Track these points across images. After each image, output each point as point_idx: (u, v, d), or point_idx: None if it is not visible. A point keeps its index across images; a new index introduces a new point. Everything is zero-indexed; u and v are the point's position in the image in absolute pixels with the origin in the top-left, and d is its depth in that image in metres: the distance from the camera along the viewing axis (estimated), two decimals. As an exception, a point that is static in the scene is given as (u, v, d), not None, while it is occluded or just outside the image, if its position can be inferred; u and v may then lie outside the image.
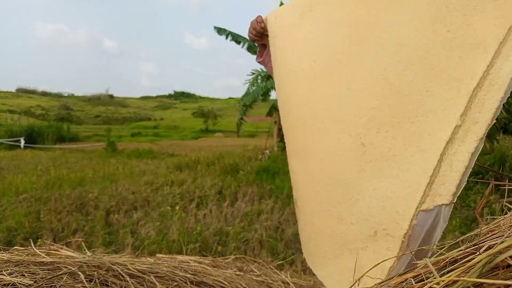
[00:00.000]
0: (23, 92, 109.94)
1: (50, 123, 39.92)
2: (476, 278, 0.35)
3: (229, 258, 1.58)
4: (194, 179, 8.69)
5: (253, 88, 9.68)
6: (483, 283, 0.35)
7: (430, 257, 0.53)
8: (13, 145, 25.78)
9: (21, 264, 1.13)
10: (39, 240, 4.59)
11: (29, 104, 79.53)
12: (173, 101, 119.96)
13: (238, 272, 1.38)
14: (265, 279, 1.38)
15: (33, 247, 1.27)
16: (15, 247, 1.29)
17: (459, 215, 4.37)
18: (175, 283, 1.17)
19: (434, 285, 0.41)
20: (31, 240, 4.65)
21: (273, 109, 9.41)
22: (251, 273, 1.44)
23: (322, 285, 1.07)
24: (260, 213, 5.67)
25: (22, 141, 25.82)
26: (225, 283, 1.26)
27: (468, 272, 0.37)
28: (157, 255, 1.65)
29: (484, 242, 0.43)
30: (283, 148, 12.02)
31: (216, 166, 10.49)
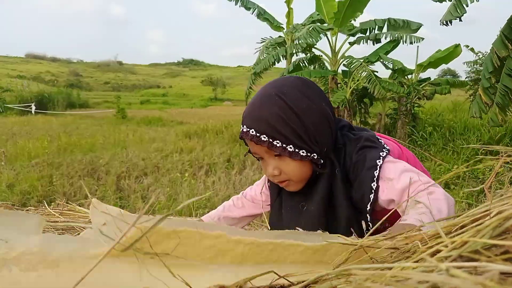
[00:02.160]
0: (32, 57, 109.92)
1: (60, 89, 40.08)
2: (491, 240, 0.35)
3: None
4: (203, 147, 8.75)
5: (264, 56, 9.54)
6: (494, 244, 0.35)
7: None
8: (24, 111, 26.06)
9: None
10: (52, 203, 4.71)
11: (39, 70, 79.63)
12: (182, 68, 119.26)
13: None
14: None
15: (47, 207, 1.30)
16: (29, 207, 1.33)
17: (467, 185, 4.37)
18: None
19: (442, 247, 0.41)
20: (44, 201, 4.77)
21: (282, 78, 9.32)
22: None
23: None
24: (268, 181, 5.72)
25: (33, 107, 26.02)
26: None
27: (477, 236, 0.37)
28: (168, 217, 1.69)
29: (494, 208, 0.43)
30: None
31: (225, 134, 10.52)
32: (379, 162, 0.89)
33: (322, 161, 0.92)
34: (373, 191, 0.88)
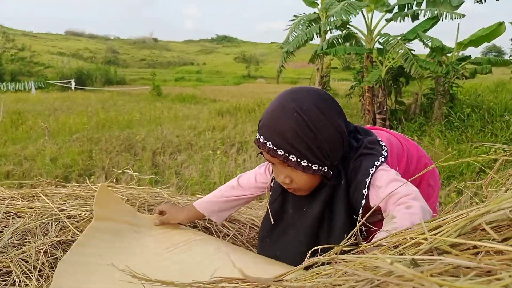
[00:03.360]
0: (71, 35, 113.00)
1: (98, 66, 41.26)
2: (451, 238, 0.40)
3: (263, 201, 1.69)
4: (235, 125, 8.86)
5: (295, 33, 9.40)
6: (456, 243, 0.39)
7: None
8: (64, 87, 27.08)
9: (79, 198, 1.28)
10: (92, 177, 4.97)
11: (78, 46, 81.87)
12: (216, 45, 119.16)
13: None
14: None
15: (89, 183, 1.42)
16: (73, 184, 1.45)
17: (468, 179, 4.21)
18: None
19: (404, 240, 0.46)
20: (86, 177, 5.04)
21: (315, 56, 9.14)
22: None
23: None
24: (298, 160, 5.77)
25: (73, 83, 26.97)
26: (256, 220, 1.38)
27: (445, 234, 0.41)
28: (197, 195, 1.79)
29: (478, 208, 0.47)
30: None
31: (257, 112, 10.58)
32: (372, 170, 0.94)
33: (331, 173, 0.98)
34: (364, 197, 0.93)
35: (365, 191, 0.93)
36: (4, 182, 1.34)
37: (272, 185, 1.21)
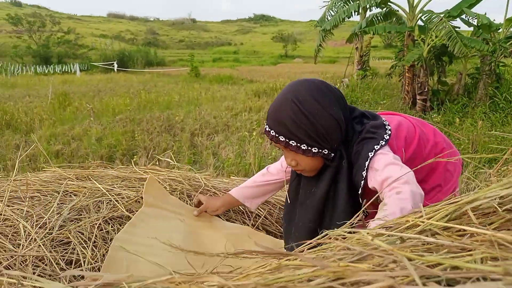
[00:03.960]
0: (113, 17, 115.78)
1: (138, 47, 42.26)
2: (440, 222, 0.46)
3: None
4: (271, 106, 8.91)
5: (332, 12, 9.20)
6: (447, 227, 0.45)
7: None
8: (107, 69, 28.04)
9: (126, 180, 1.42)
10: (135, 156, 5.23)
11: (119, 28, 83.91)
12: (253, 25, 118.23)
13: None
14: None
15: (133, 166, 1.56)
16: (119, 166, 1.59)
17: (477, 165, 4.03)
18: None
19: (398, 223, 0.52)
20: (129, 157, 5.31)
21: (354, 35, 8.94)
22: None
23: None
24: (334, 142, 5.77)
25: (115, 65, 27.83)
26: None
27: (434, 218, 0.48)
28: (231, 176, 1.89)
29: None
30: (363, 77, 11.58)
31: (294, 93, 10.54)
32: (371, 154, 1.02)
33: (332, 155, 1.08)
34: (363, 178, 1.02)
35: (364, 173, 1.01)
36: (62, 164, 1.50)
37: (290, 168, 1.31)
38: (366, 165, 1.01)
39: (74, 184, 1.31)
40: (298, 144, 1.04)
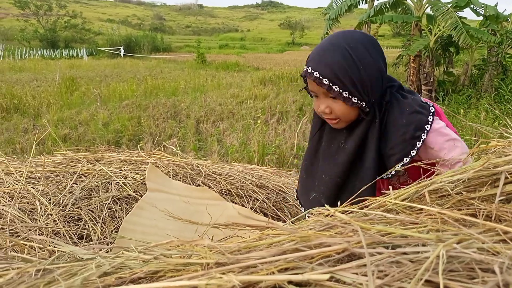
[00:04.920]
0: (120, 1, 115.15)
1: (145, 33, 42.13)
2: (401, 201, 0.54)
3: (292, 170, 1.84)
4: (276, 94, 8.96)
5: (339, 1, 9.16)
6: (407, 206, 0.54)
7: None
8: (114, 54, 28.07)
9: (132, 163, 1.51)
10: (141, 142, 5.33)
11: (126, 13, 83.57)
12: (261, 11, 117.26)
13: (296, 181, 1.65)
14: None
15: (139, 151, 1.64)
16: (126, 150, 1.68)
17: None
18: (242, 184, 1.49)
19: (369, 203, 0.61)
20: (135, 142, 5.40)
21: (362, 23, 8.91)
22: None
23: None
24: (337, 131, 5.84)
25: (122, 50, 27.85)
26: (283, 187, 1.55)
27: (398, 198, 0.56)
28: (232, 163, 1.97)
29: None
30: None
31: (299, 82, 10.57)
32: (427, 127, 1.05)
33: (368, 110, 1.09)
34: (410, 155, 1.05)
35: (413, 152, 1.05)
36: (72, 148, 1.59)
37: (312, 121, 1.33)
38: (420, 142, 1.04)
39: (85, 167, 1.40)
40: (341, 91, 1.04)
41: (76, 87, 10.16)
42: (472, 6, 7.50)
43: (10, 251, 0.71)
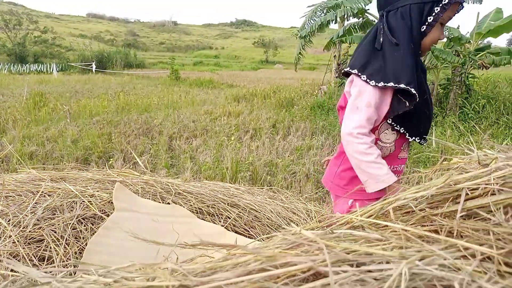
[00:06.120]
0: (93, 17, 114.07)
1: (118, 49, 41.75)
2: (367, 218, 0.54)
3: (264, 188, 1.84)
4: (250, 111, 9.01)
5: (311, 21, 9.41)
6: (375, 223, 0.54)
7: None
8: (85, 69, 27.62)
9: (99, 182, 1.47)
10: (111, 159, 5.21)
11: (99, 29, 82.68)
12: (235, 29, 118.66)
13: (268, 199, 1.65)
14: (290, 206, 1.64)
15: (107, 169, 1.60)
16: (94, 168, 1.64)
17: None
18: (213, 202, 1.47)
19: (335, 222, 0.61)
20: (105, 160, 5.27)
21: (331, 43, 9.15)
22: (280, 201, 1.70)
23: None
24: (310, 148, 5.90)
25: (94, 66, 27.44)
26: (255, 206, 1.54)
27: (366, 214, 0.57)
28: (204, 180, 1.95)
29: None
30: (340, 84, 11.82)
31: (272, 99, 10.68)
32: (364, 77, 1.41)
33: None
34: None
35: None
36: (38, 166, 1.53)
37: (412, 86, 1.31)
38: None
39: (49, 185, 1.35)
40: None
41: (44, 103, 9.88)
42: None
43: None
